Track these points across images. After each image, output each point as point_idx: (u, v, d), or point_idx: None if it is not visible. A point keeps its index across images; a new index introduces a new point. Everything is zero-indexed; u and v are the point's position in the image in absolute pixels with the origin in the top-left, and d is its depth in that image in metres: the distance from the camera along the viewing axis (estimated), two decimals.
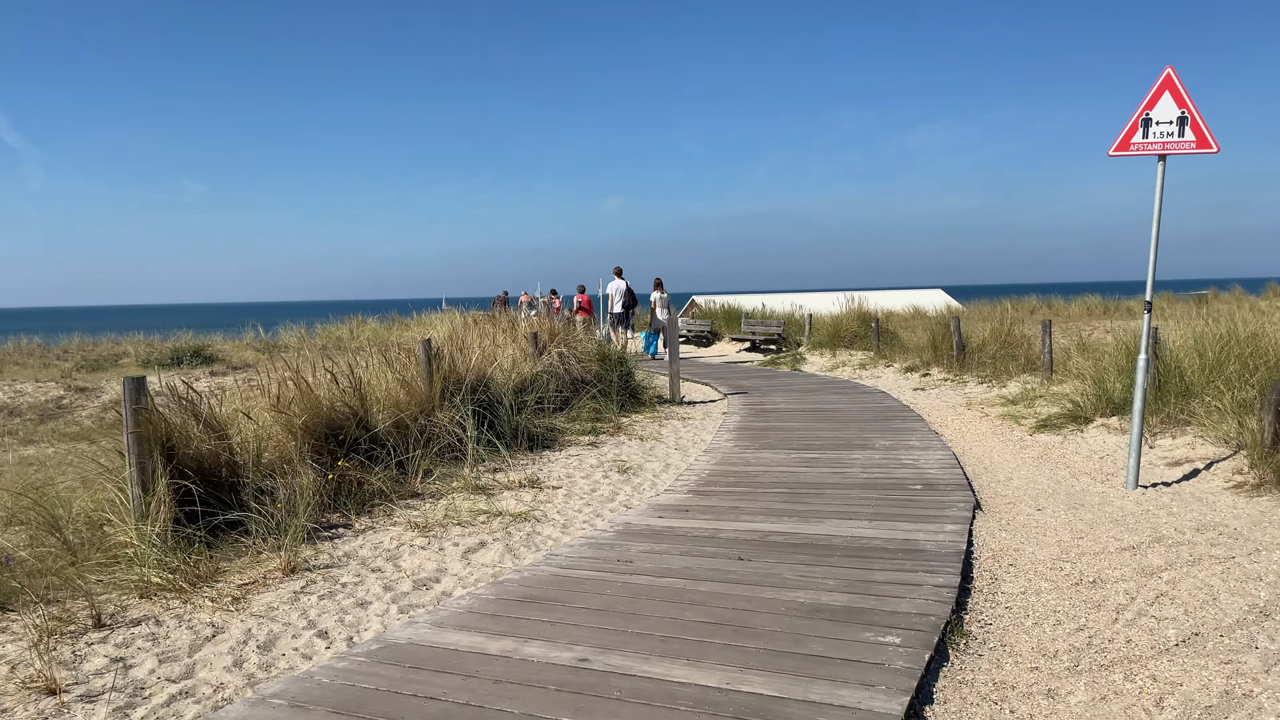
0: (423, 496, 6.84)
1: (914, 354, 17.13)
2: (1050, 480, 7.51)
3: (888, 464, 7.78)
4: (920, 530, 5.59)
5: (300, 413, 6.72)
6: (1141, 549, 5.48)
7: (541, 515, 6.38)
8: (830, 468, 7.70)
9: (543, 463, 8.24)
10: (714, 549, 5.30)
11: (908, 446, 8.63)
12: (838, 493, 6.73)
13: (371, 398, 7.59)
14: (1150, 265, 7.04)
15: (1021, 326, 16.32)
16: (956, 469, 7.55)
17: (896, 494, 6.63)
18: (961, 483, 7.03)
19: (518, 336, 11.38)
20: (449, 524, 6.08)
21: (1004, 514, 6.32)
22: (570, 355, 11.06)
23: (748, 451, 8.61)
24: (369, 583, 4.93)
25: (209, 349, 23.07)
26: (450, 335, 14.10)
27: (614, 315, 19.74)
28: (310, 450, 6.54)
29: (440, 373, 8.31)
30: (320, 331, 26.38)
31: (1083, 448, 8.79)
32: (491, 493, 7.02)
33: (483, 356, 9.82)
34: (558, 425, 9.69)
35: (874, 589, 4.49)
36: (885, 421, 10.26)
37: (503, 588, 4.65)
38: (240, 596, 4.69)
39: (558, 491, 7.12)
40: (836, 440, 9.07)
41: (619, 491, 7.15)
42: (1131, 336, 11.90)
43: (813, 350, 20.25)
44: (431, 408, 8.00)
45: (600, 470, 7.94)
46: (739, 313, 25.77)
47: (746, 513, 6.18)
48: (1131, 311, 28.10)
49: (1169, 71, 6.95)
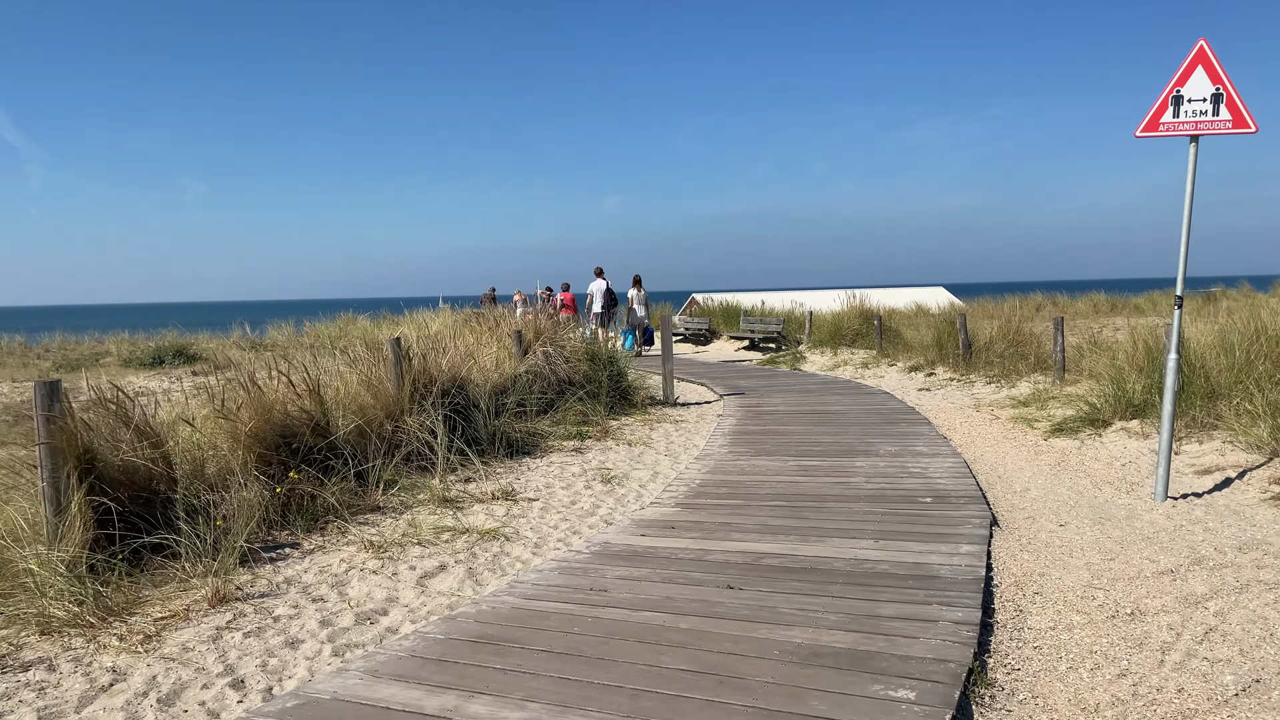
0: (384, 510, 6.24)
1: (918, 353, 16.52)
2: (1070, 491, 6.90)
3: (894, 473, 7.18)
4: (932, 552, 4.99)
5: (249, 419, 6.12)
6: (1181, 572, 4.88)
7: (512, 532, 5.77)
8: (832, 477, 7.10)
9: (520, 471, 7.63)
10: (701, 575, 4.69)
11: (915, 453, 8.02)
12: (840, 506, 6.12)
13: (333, 401, 6.99)
14: (1181, 258, 6.44)
15: (1030, 324, 15.70)
16: (969, 478, 6.94)
17: (905, 508, 6.03)
18: (975, 494, 6.42)
19: (501, 335, 10.77)
20: (408, 543, 5.48)
21: (1023, 531, 5.71)
22: (557, 355, 10.45)
23: (743, 458, 8.00)
24: (306, 616, 4.32)
25: (192, 348, 22.47)
26: (436, 334, 13.52)
27: (595, 314, 19.97)
28: (258, 461, 5.94)
29: (410, 374, 7.70)
30: (309, 330, 25.77)
31: (1102, 454, 8.17)
32: (460, 506, 6.41)
33: (461, 356, 9.21)
34: (541, 429, 9.08)
35: (883, 626, 3.88)
36: (890, 425, 9.65)
37: (455, 624, 4.05)
38: (154, 633, 4.09)
39: (533, 504, 6.51)
40: (838, 446, 8.46)
41: (601, 504, 6.54)
42: (1150, 334, 11.30)
43: (813, 349, 19.64)
44: (400, 412, 7.39)
45: (582, 480, 7.33)
46: (738, 310, 25.15)
47: (739, 530, 5.57)
48: (1139, 309, 27.48)
49: (1202, 44, 6.34)
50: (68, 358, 21.57)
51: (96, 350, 23.32)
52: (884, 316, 19.06)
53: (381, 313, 27.15)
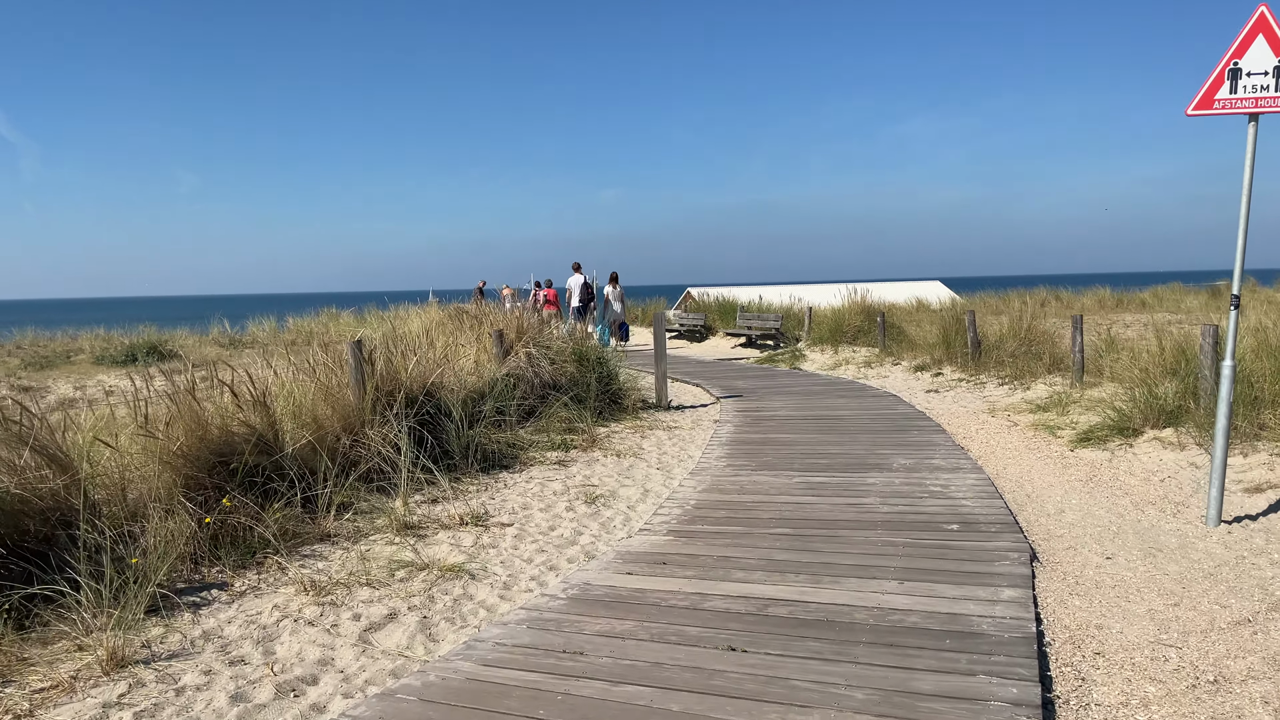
0: (335, 540, 5.47)
1: (923, 351, 15.78)
2: (1109, 513, 6.16)
3: (911, 491, 6.43)
4: (968, 598, 4.24)
5: (180, 435, 5.35)
6: (1260, 621, 4.14)
7: (480, 569, 5.01)
8: (842, 496, 6.35)
9: (496, 489, 6.86)
10: (697, 629, 3.94)
11: (932, 467, 7.27)
12: (855, 534, 5.37)
13: (283, 413, 6.21)
14: (1239, 248, 5.69)
15: (1042, 322, 14.95)
16: (996, 499, 6.19)
17: (928, 537, 5.28)
18: (1006, 519, 5.68)
19: (482, 335, 10.00)
20: (356, 584, 4.71)
21: (1067, 566, 4.97)
22: (541, 356, 9.68)
23: (742, 473, 7.24)
24: (217, 686, 3.56)
25: (167, 344, 21.63)
26: (414, 333, 12.80)
27: (574, 310, 20.06)
28: (187, 484, 5.17)
29: (373, 380, 6.93)
30: (291, 326, 24.95)
31: (1137, 467, 7.44)
32: (423, 533, 5.65)
33: (434, 358, 8.44)
34: (521, 439, 8.31)
35: (922, 708, 3.13)
36: (901, 433, 8.90)
37: (394, 705, 3.28)
38: (27, 712, 3.33)
39: (506, 531, 5.75)
40: (847, 458, 7.71)
41: (583, 530, 5.78)
42: (1181, 334, 10.57)
43: (813, 346, 18.88)
44: (360, 424, 6.62)
45: (564, 499, 6.57)
46: (734, 306, 24.36)
47: (741, 566, 4.81)
48: (1146, 304, 26.79)
49: (1263, 9, 5.57)
50: (39, 355, 20.73)
51: (69, 347, 22.46)
52: (885, 313, 18.31)
53: (368, 308, 26.35)
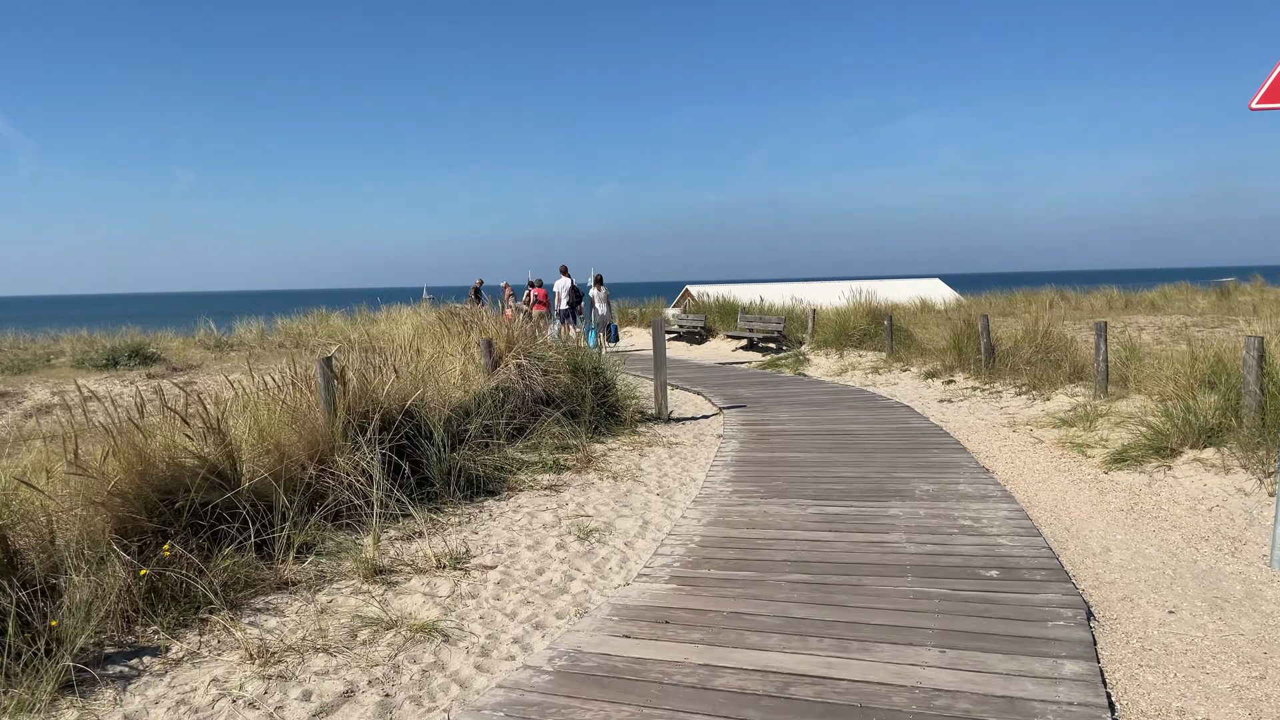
0: (294, 588, 4.84)
1: (932, 356, 15.16)
2: (1160, 551, 5.54)
3: (940, 526, 5.81)
4: (1024, 673, 3.61)
5: (119, 471, 4.71)
6: None
7: (455, 626, 4.38)
8: (863, 532, 5.72)
9: (480, 521, 6.22)
10: (704, 717, 3.32)
11: (958, 494, 6.65)
12: (882, 583, 4.75)
13: (240, 441, 5.58)
14: None
15: (1059, 326, 14.33)
16: (1035, 536, 5.57)
17: (966, 587, 4.65)
18: (1049, 562, 5.06)
19: (469, 344, 9.37)
20: (311, 649, 4.08)
21: (1126, 624, 4.34)
22: (533, 368, 9.04)
23: (750, 501, 6.62)
24: None
25: (150, 347, 20.96)
26: (400, 338, 12.21)
27: (560, 312, 20.07)
28: (123, 529, 4.53)
29: (345, 400, 6.29)
30: (280, 327, 24.29)
31: (1180, 494, 6.82)
32: (394, 579, 5.01)
33: (420, 370, 7.80)
34: (510, 460, 7.68)
35: None
36: (919, 452, 8.28)
37: None
38: None
39: (489, 575, 5.12)
40: (864, 483, 7.09)
41: (575, 574, 5.15)
42: (1209, 339, 9.97)
43: (817, 350, 18.25)
44: (329, 450, 5.99)
45: (554, 534, 5.94)
46: (734, 307, 23.71)
47: (754, 627, 4.19)
48: (1155, 305, 26.17)
49: None
50: (19, 358, 20.06)
51: (50, 349, 21.80)
52: (891, 315, 17.67)
53: (359, 308, 25.68)
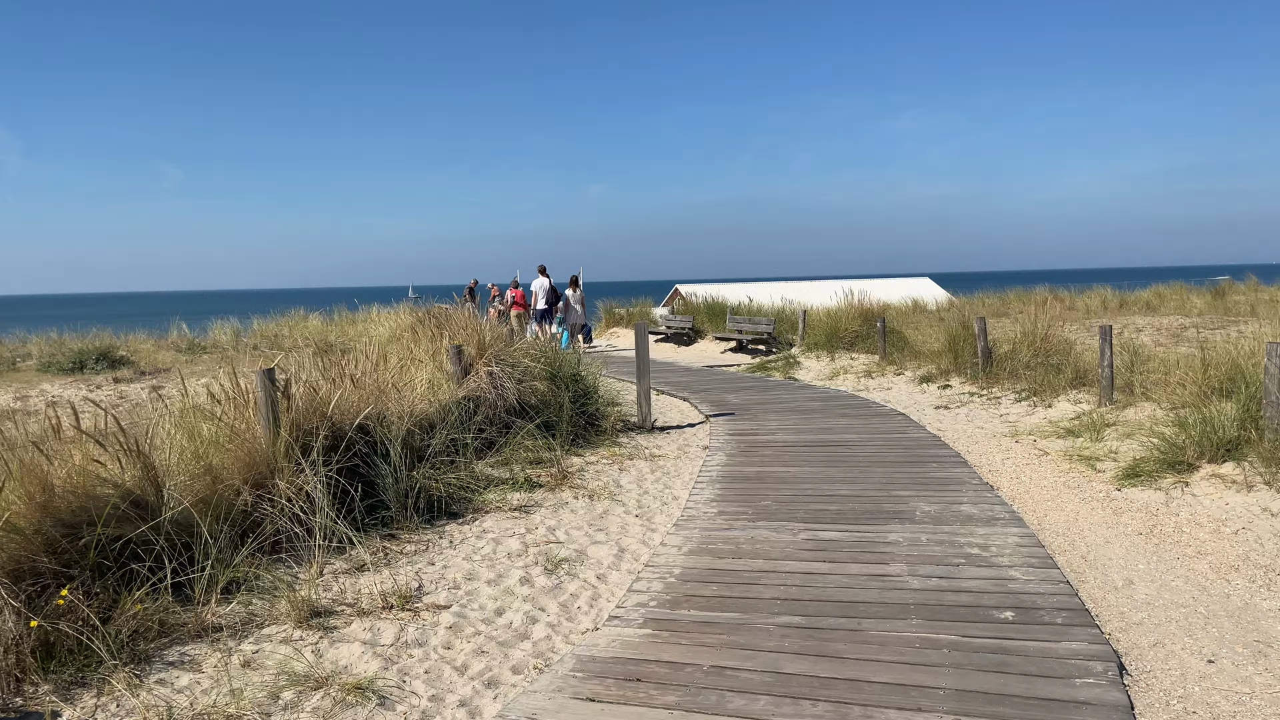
0: (217, 635, 4.25)
1: (927, 359, 14.65)
2: (1188, 583, 5.01)
3: (944, 555, 5.26)
4: None
5: (15, 503, 4.12)
6: None
7: (396, 685, 3.80)
8: (860, 562, 5.17)
9: (438, 550, 5.64)
10: None
11: (962, 516, 6.11)
12: (884, 628, 4.20)
13: (167, 465, 4.99)
14: None
15: (1060, 328, 13.83)
16: (1051, 568, 5.03)
17: (979, 633, 4.11)
18: (1069, 600, 4.52)
19: (438, 350, 8.79)
20: (220, 715, 3.50)
21: (1163, 679, 3.81)
22: (505, 375, 8.46)
23: (736, 525, 6.06)
24: None
25: (120, 350, 20.28)
26: (379, 342, 11.66)
27: (537, 312, 19.92)
28: (16, 572, 3.94)
29: (290, 415, 5.70)
30: (256, 328, 23.62)
31: (1201, 515, 6.30)
32: (333, 623, 4.43)
33: (384, 379, 7.21)
34: (478, 478, 7.09)
35: None
36: (918, 466, 7.74)
37: None
38: None
39: (441, 617, 4.54)
40: (859, 502, 6.54)
41: (538, 616, 4.59)
42: (1221, 341, 9.47)
43: (807, 352, 17.71)
44: (270, 473, 5.40)
45: (520, 564, 5.37)
46: (723, 307, 23.15)
47: (738, 686, 3.63)
48: (1150, 305, 25.77)
49: None
50: None
51: (16, 352, 21.09)
52: (883, 316, 17.15)
53: (338, 308, 25.02)
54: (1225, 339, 14.74)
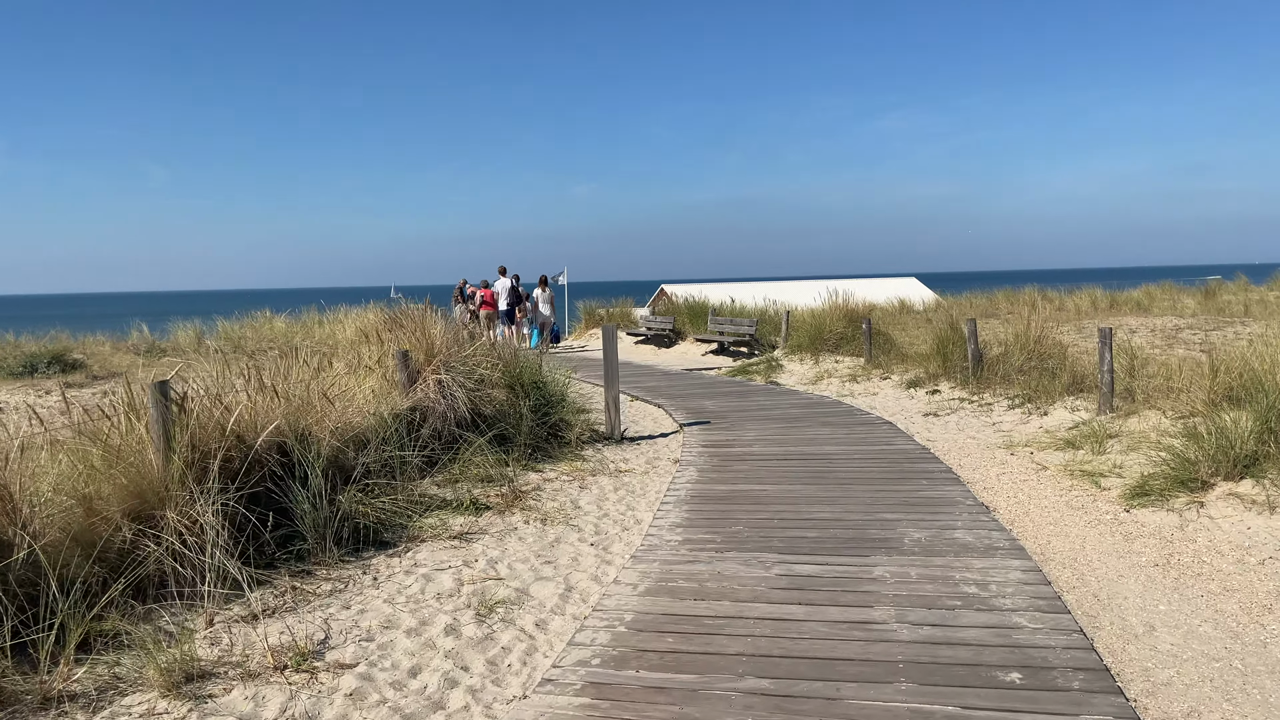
0: (66, 706, 3.52)
1: (914, 363, 13.99)
2: (1217, 629, 4.35)
3: (937, 595, 4.57)
4: None
5: None
6: None
7: None
8: (840, 605, 4.48)
9: (357, 590, 4.90)
10: None
11: (956, 545, 5.43)
12: (867, 696, 3.49)
13: (28, 497, 4.24)
14: None
15: (1055, 330, 13.19)
16: (1061, 612, 4.34)
17: (982, 703, 3.41)
18: (1086, 656, 3.83)
19: (385, 356, 8.05)
20: None
21: None
22: (455, 384, 7.73)
23: (702, 556, 5.35)
24: None
25: (75, 352, 19.38)
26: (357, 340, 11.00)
27: (500, 313, 19.63)
28: None
29: (187, 434, 4.95)
30: (221, 330, 22.74)
31: (1221, 541, 5.64)
32: (209, 690, 3.70)
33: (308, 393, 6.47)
34: (420, 499, 6.36)
35: None
36: (906, 483, 7.06)
37: None
38: None
39: (341, 681, 3.81)
40: (841, 527, 5.85)
41: (459, 679, 3.86)
42: (1218, 343, 8.83)
43: (790, 355, 17.03)
44: (159, 502, 4.65)
45: (450, 608, 4.64)
46: (705, 308, 22.41)
47: None
48: (1141, 305, 25.24)
49: None
50: None
51: None
52: (869, 317, 16.48)
53: (307, 309, 24.15)
54: (1224, 340, 14.20)
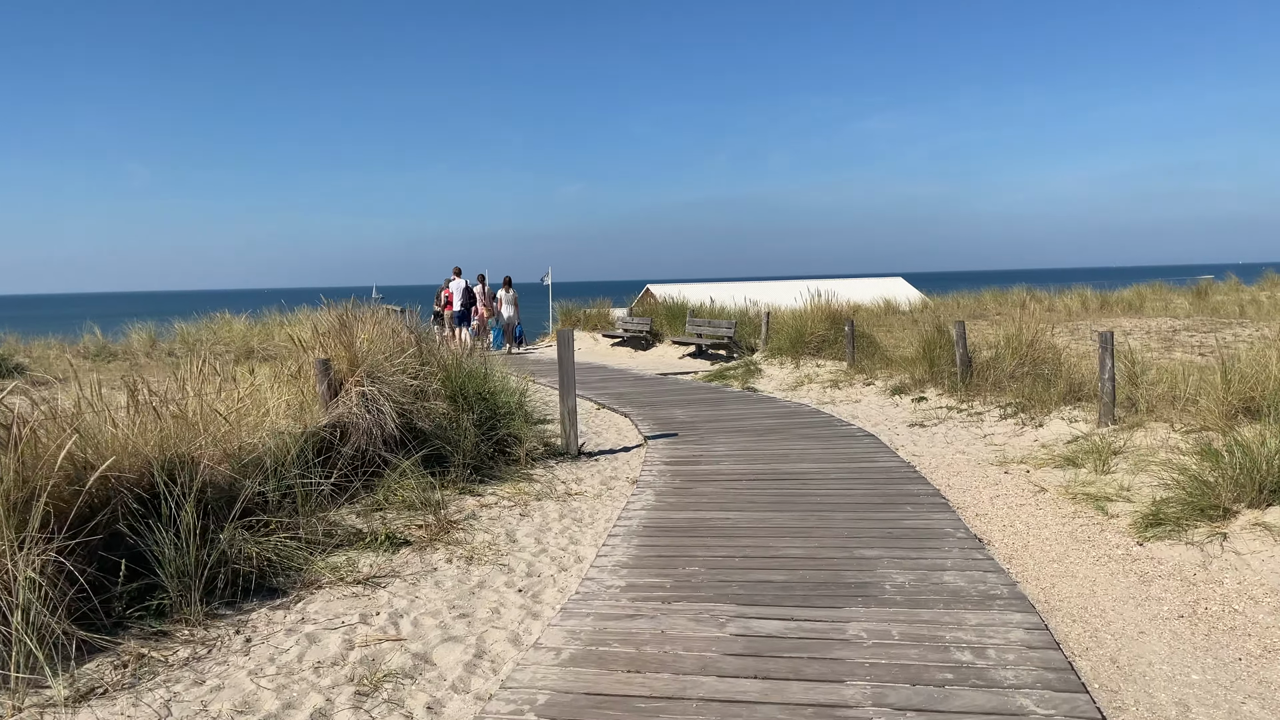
0: None
1: (899, 367, 13.19)
2: (1262, 706, 3.53)
3: (924, 664, 3.74)
4: None
5: None
6: None
7: None
8: (806, 681, 3.63)
9: (219, 657, 4.02)
10: None
11: (945, 591, 4.60)
12: None
13: None
14: None
15: (1049, 333, 12.40)
16: (1077, 692, 3.50)
17: None
18: None
19: (304, 366, 7.16)
20: None
21: None
22: (382, 396, 6.85)
23: (646, 608, 4.50)
24: None
25: (19, 356, 18.38)
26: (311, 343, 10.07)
27: (454, 315, 19.65)
28: None
29: (16, 467, 4.07)
30: (177, 332, 21.74)
31: (1252, 584, 4.84)
32: None
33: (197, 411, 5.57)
34: (323, 535, 5.49)
35: None
36: (889, 510, 6.23)
37: None
38: None
39: None
40: (813, 568, 5.01)
41: None
42: (1215, 346, 8.04)
43: (770, 358, 16.21)
44: None
45: (327, 683, 3.78)
46: (684, 309, 21.57)
47: None
48: (1133, 306, 24.58)
49: None
50: None
51: None
52: (854, 320, 15.68)
53: (268, 310, 23.17)
54: (1223, 343, 13.45)
